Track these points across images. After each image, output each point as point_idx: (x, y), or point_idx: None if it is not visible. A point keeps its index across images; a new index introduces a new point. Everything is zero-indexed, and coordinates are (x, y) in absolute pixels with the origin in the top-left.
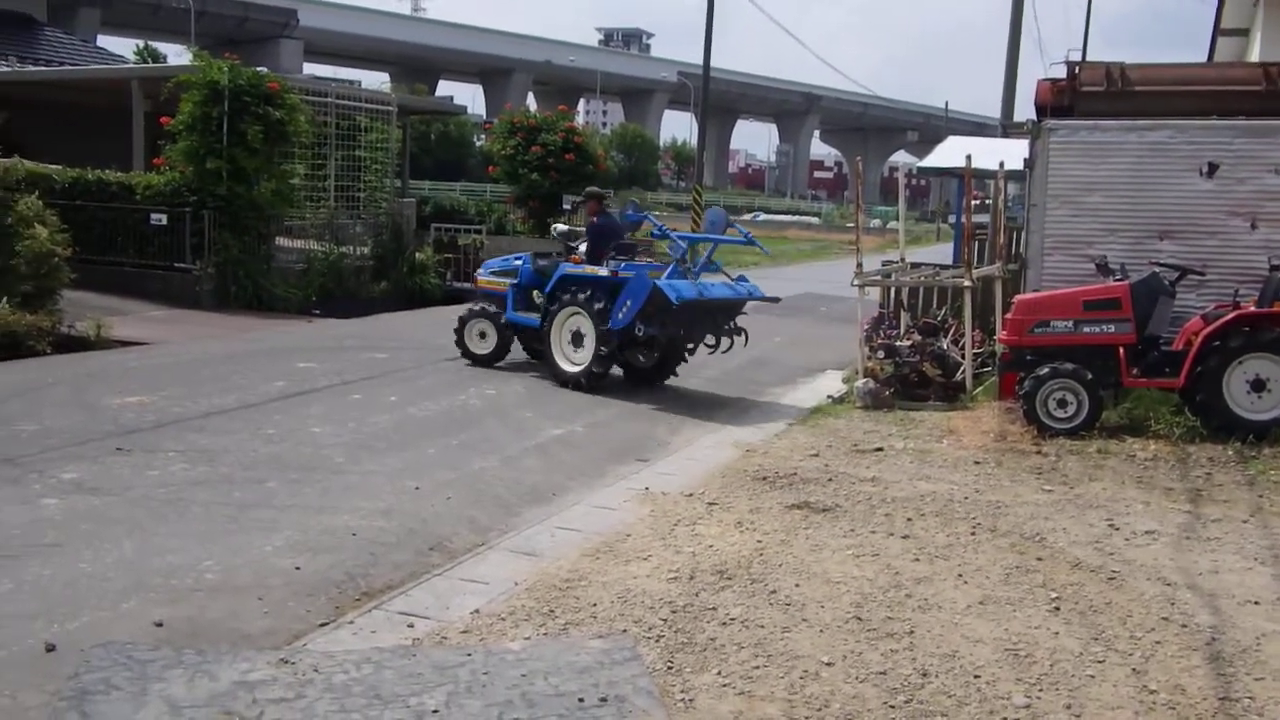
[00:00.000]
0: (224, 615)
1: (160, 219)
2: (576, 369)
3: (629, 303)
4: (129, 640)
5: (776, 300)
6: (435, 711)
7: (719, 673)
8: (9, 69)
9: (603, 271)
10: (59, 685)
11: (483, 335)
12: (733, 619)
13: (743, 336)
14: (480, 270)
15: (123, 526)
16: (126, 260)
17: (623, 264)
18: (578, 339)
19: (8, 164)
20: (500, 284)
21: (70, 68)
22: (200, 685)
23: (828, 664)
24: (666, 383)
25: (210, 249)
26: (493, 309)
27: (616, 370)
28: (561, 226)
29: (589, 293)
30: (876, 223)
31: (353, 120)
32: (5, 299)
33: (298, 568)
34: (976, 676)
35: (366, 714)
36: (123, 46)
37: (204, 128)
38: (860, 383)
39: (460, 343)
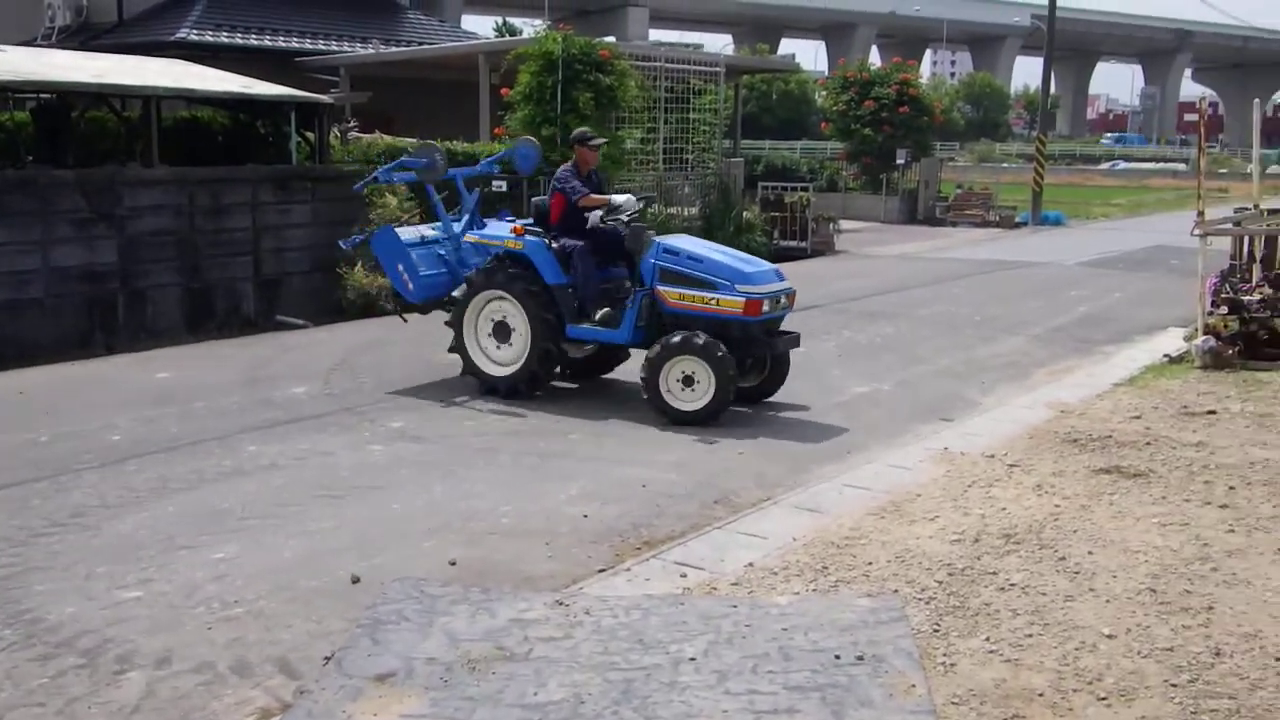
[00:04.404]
0: (512, 558)
1: (501, 185)
2: None
3: None
4: (423, 576)
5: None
6: (692, 659)
7: (987, 639)
8: (371, 51)
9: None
10: (358, 614)
11: None
12: (1013, 585)
13: None
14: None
15: (436, 472)
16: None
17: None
18: None
19: (370, 139)
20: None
21: (424, 46)
22: (480, 621)
23: (1109, 636)
24: (982, 342)
25: None
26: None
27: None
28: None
29: None
30: (1277, 168)
31: (685, 83)
32: (360, 263)
33: (586, 516)
34: (1279, 659)
35: (628, 657)
36: (484, 24)
37: (539, 97)
38: (1199, 340)
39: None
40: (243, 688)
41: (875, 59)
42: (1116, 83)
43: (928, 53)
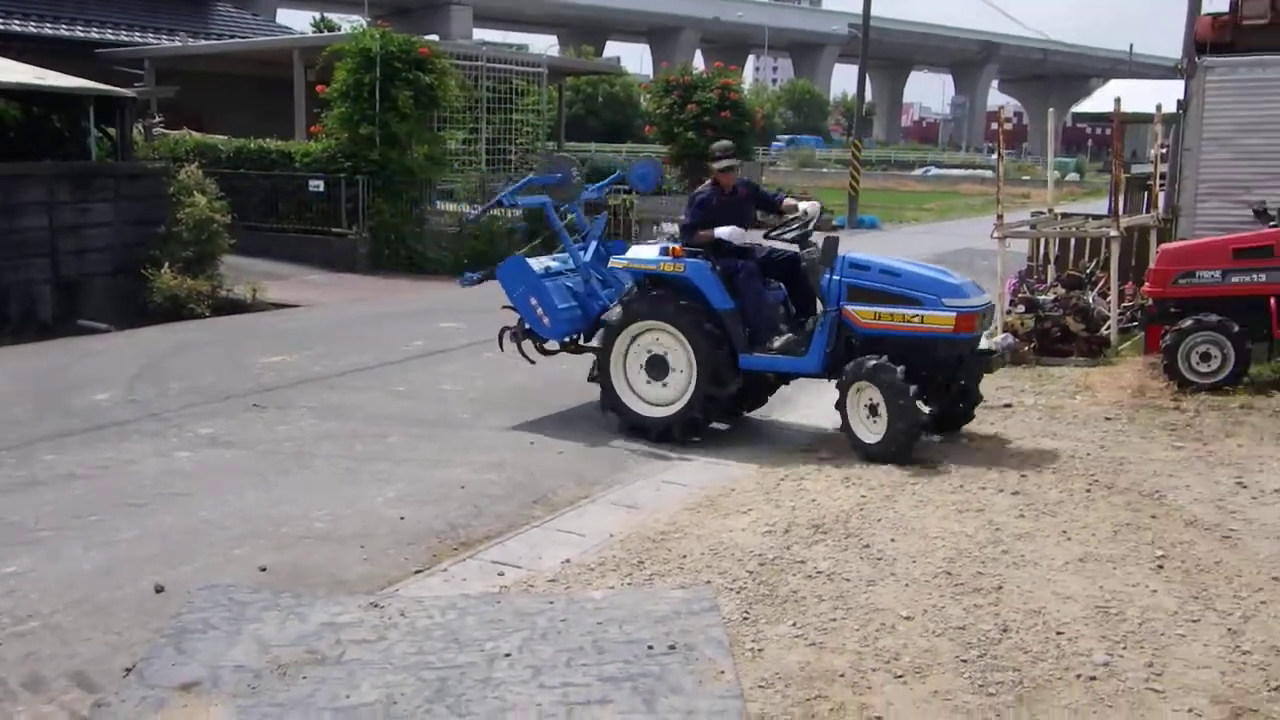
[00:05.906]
0: (326, 562)
1: (318, 185)
2: None
3: None
4: (232, 583)
5: None
6: (508, 655)
7: (794, 624)
8: (179, 45)
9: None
10: (163, 624)
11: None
12: (819, 572)
13: None
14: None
15: (247, 478)
16: (288, 226)
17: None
18: None
19: (177, 136)
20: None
21: (235, 41)
22: (290, 626)
23: (906, 618)
24: None
25: (365, 214)
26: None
27: None
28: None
29: None
30: (1074, 176)
31: (508, 83)
32: (168, 265)
33: (402, 518)
34: (1059, 633)
35: (442, 656)
36: (301, 20)
37: (357, 95)
38: (999, 338)
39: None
40: (36, 703)
41: (699, 63)
42: (929, 92)
43: (750, 59)
